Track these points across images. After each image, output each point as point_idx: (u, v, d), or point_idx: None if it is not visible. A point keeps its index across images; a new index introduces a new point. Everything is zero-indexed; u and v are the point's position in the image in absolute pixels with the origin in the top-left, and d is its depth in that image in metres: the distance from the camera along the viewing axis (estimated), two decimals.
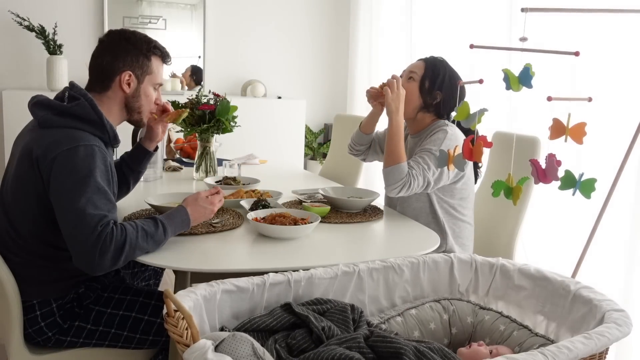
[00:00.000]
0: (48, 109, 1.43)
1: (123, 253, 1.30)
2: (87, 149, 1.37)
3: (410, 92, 1.91)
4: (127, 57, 1.53)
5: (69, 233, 1.32)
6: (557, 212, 2.35)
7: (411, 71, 1.94)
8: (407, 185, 1.76)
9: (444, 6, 3.30)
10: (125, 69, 1.53)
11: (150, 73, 1.58)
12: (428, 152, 1.81)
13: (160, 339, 1.50)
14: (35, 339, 1.46)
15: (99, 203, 1.33)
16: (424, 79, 1.91)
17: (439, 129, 1.87)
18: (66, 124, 1.41)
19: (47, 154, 1.35)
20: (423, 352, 1.06)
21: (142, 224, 1.37)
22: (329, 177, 2.76)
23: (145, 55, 1.56)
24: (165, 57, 1.64)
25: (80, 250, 1.29)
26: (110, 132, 1.48)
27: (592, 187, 1.11)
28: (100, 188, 1.35)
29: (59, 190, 1.34)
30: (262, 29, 4.32)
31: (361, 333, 1.14)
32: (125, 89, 1.53)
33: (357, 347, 1.09)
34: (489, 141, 1.23)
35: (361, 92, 4.37)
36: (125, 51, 1.53)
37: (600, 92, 2.16)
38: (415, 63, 1.97)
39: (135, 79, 1.55)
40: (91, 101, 1.46)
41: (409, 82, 1.93)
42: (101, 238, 1.28)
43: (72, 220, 1.31)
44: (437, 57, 1.97)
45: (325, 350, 1.04)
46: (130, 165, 1.76)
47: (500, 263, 1.43)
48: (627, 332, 1.08)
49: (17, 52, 3.69)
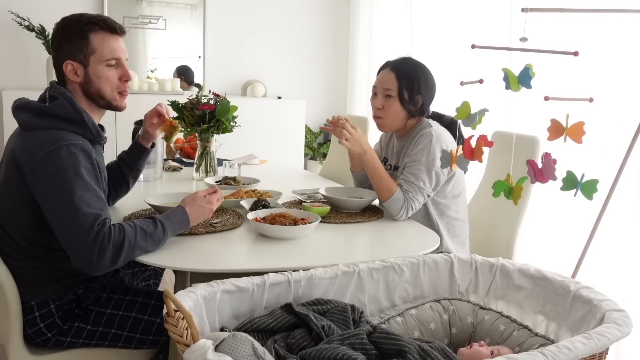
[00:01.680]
0: (29, 111, 1.40)
1: (122, 252, 1.29)
2: (69, 148, 1.34)
3: (393, 109, 1.89)
4: (64, 46, 1.44)
5: (64, 236, 1.30)
6: (557, 212, 2.35)
7: (385, 88, 1.89)
8: (409, 209, 1.81)
9: (443, 6, 3.30)
10: (66, 58, 1.44)
11: (93, 52, 1.44)
12: (418, 163, 1.82)
13: (160, 338, 1.50)
14: (35, 339, 1.46)
15: (91, 201, 1.31)
16: (400, 91, 1.87)
17: (422, 133, 1.86)
18: (47, 125, 1.38)
19: (31, 157, 1.33)
20: (427, 351, 1.06)
21: (140, 224, 1.35)
22: (329, 177, 2.76)
23: (80, 36, 1.43)
24: (110, 28, 1.46)
25: (78, 252, 1.28)
26: (92, 128, 1.44)
27: (593, 188, 1.11)
28: (90, 186, 1.33)
29: (48, 194, 1.32)
30: (262, 29, 4.32)
31: (364, 329, 1.13)
32: (74, 78, 1.46)
33: (360, 343, 1.09)
34: (489, 140, 1.23)
35: (361, 92, 4.37)
36: (59, 40, 1.45)
37: (601, 92, 2.16)
38: (385, 77, 1.90)
39: (80, 65, 1.45)
40: (70, 99, 1.43)
41: (388, 100, 1.89)
42: (99, 238, 1.26)
43: (66, 222, 1.29)
44: (403, 59, 1.93)
45: (328, 349, 1.03)
46: (128, 163, 1.76)
47: (500, 263, 1.43)
48: (627, 332, 1.08)
49: (17, 52, 3.69)
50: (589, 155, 2.20)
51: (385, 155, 2.10)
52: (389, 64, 1.94)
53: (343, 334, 1.12)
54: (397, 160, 2.00)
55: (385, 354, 1.08)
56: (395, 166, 2.00)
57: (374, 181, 1.86)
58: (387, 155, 2.08)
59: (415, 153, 1.84)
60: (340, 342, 1.09)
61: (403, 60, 1.94)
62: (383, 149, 2.13)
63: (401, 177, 1.85)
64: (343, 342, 1.09)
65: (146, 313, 1.50)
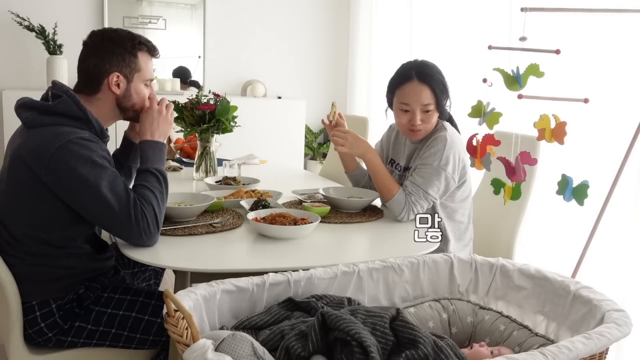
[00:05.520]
0: (33, 109, 1.43)
1: (158, 217, 1.42)
2: (78, 140, 1.37)
3: (432, 120, 1.83)
4: (112, 58, 1.50)
5: (106, 227, 1.43)
6: (557, 212, 2.35)
7: (424, 104, 1.80)
8: (410, 212, 1.78)
9: (444, 6, 3.30)
10: (113, 70, 1.50)
11: (138, 70, 1.54)
12: (429, 167, 1.78)
13: (161, 339, 1.50)
14: (36, 339, 1.46)
15: (117, 187, 1.39)
16: (438, 103, 1.81)
17: (437, 136, 1.83)
18: (52, 122, 1.40)
19: (40, 155, 1.35)
20: (441, 347, 1.05)
21: (147, 184, 1.46)
22: (329, 177, 2.76)
23: (131, 53, 1.52)
24: (153, 50, 1.59)
25: (127, 237, 1.41)
26: (96, 126, 1.47)
27: (584, 193, 1.11)
28: (109, 171, 1.39)
29: (73, 191, 1.36)
30: (262, 29, 4.32)
31: (389, 313, 1.12)
32: (115, 90, 1.52)
33: (382, 327, 1.08)
34: (496, 139, 1.22)
35: (361, 92, 4.37)
36: (109, 52, 1.50)
37: (601, 92, 2.16)
38: (419, 93, 1.79)
39: (124, 79, 1.52)
40: (74, 97, 1.44)
41: (427, 114, 1.81)
42: (138, 219, 1.38)
43: (103, 217, 1.39)
44: (424, 66, 1.83)
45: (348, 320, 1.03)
46: (120, 160, 1.75)
47: (500, 263, 1.43)
48: (627, 332, 1.08)
49: (17, 52, 3.69)
50: (589, 156, 2.20)
51: (392, 156, 2.06)
52: (413, 75, 1.81)
53: (369, 310, 1.12)
54: (407, 161, 1.96)
55: (400, 342, 1.08)
56: (405, 167, 1.97)
57: (375, 181, 1.85)
58: (395, 155, 2.05)
59: (427, 156, 1.81)
60: (364, 319, 1.08)
61: (424, 67, 1.83)
62: (385, 148, 2.10)
63: (409, 179, 1.82)
64: (366, 320, 1.08)
65: (147, 313, 1.50)
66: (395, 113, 1.89)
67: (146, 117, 1.58)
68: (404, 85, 1.82)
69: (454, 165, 1.80)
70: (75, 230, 1.46)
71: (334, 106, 1.97)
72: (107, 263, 1.59)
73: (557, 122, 1.15)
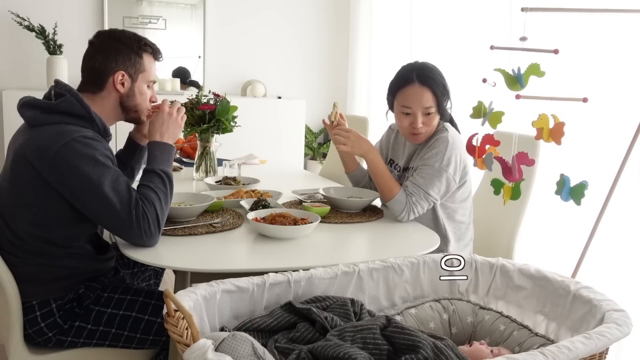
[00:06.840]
0: (35, 108, 1.43)
1: (160, 218, 1.42)
2: (81, 139, 1.38)
3: (433, 122, 1.83)
4: (118, 57, 1.52)
5: (107, 226, 1.44)
6: (557, 212, 2.35)
7: (425, 107, 1.79)
8: (411, 213, 1.77)
9: (444, 6, 3.30)
10: (118, 68, 1.52)
11: (143, 71, 1.57)
12: (430, 168, 1.78)
13: (161, 338, 1.50)
14: (36, 339, 1.46)
15: (119, 186, 1.39)
16: (440, 106, 1.81)
17: (438, 137, 1.83)
18: (55, 121, 1.41)
19: (44, 153, 1.35)
20: (440, 349, 1.05)
21: (151, 184, 1.45)
22: (329, 177, 2.76)
23: (137, 53, 1.55)
24: (157, 53, 1.63)
25: (127, 237, 1.41)
26: (99, 124, 1.48)
27: (581, 193, 1.11)
28: (111, 170, 1.39)
29: (76, 189, 1.37)
30: (262, 29, 4.32)
31: (378, 323, 1.12)
32: (119, 88, 1.53)
33: (372, 338, 1.08)
34: (495, 139, 1.22)
35: (361, 92, 4.37)
36: (116, 51, 1.53)
37: (601, 91, 2.16)
38: (420, 96, 1.78)
39: (129, 78, 1.54)
40: (77, 96, 1.45)
41: (428, 117, 1.81)
42: (139, 219, 1.38)
43: (104, 217, 1.39)
44: (424, 68, 1.82)
45: (333, 345, 1.02)
46: (123, 160, 1.76)
47: (500, 263, 1.43)
48: (627, 332, 1.08)
49: (17, 52, 3.69)
50: (589, 155, 2.20)
51: (391, 157, 2.06)
52: (414, 77, 1.80)
53: (356, 325, 1.11)
54: (407, 162, 1.96)
55: (398, 349, 1.07)
56: (404, 167, 1.97)
57: (376, 181, 1.85)
58: (394, 156, 2.05)
59: (428, 157, 1.80)
60: (353, 335, 1.08)
61: (425, 69, 1.82)
62: (384, 148, 2.10)
63: (410, 179, 1.82)
64: (355, 336, 1.08)
65: (147, 313, 1.50)
66: (397, 116, 1.89)
67: (157, 119, 1.59)
68: (405, 88, 1.82)
69: (455, 167, 1.79)
70: (77, 230, 1.47)
71: (336, 106, 1.97)
72: (108, 264, 1.59)
73: (555, 122, 1.15)
